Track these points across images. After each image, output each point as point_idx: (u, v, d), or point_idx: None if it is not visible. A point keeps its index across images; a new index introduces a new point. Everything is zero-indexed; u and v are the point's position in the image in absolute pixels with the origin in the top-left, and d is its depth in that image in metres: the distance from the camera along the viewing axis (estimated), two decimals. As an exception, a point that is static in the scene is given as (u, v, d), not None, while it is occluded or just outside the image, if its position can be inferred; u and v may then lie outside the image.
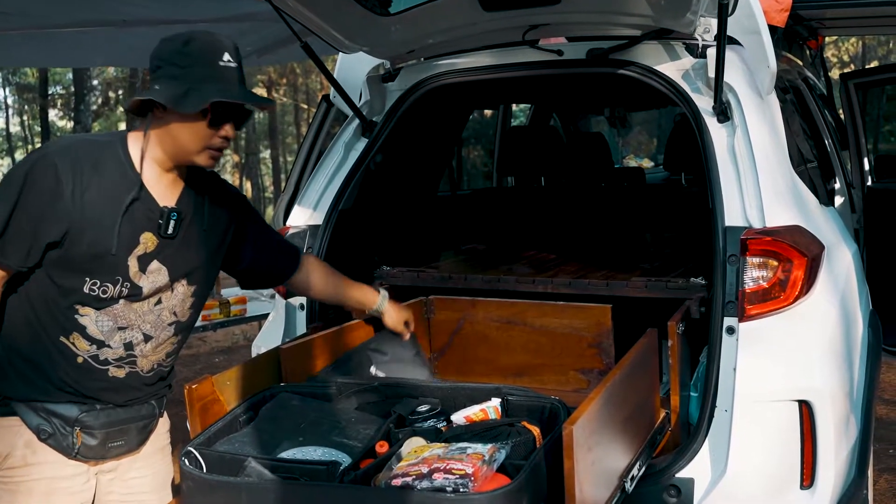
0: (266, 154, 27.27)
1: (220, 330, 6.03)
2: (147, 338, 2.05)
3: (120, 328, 2.00)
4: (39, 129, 20.31)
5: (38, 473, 1.97)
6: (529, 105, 6.23)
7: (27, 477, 1.97)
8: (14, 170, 1.94)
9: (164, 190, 2.03)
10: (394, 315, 2.70)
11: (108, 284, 1.96)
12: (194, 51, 1.92)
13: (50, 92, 19.35)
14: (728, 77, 2.65)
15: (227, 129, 1.98)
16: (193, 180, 2.09)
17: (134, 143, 1.99)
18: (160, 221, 2.00)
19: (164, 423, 2.20)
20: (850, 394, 2.59)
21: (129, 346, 2.02)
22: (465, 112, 4.65)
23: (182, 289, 2.09)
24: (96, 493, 2.07)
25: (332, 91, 3.35)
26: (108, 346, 2.00)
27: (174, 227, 2.02)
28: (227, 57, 1.94)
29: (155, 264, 2.01)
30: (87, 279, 1.94)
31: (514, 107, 6.64)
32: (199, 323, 5.07)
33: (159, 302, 2.05)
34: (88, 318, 1.97)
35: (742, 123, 2.64)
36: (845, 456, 2.51)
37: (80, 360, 1.98)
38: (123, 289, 1.97)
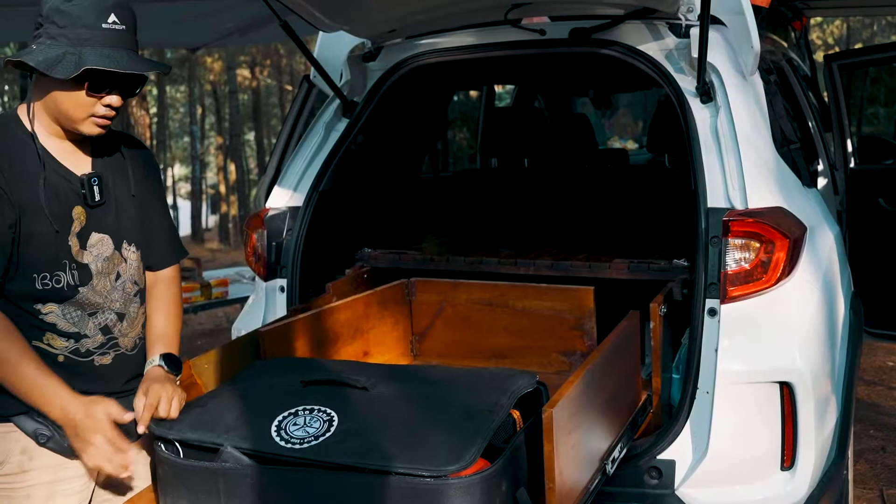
0: (250, 136, 27.09)
1: (201, 312, 6.00)
2: (121, 316, 2.00)
3: (90, 314, 1.94)
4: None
5: (36, 479, 1.91)
6: (514, 87, 6.20)
7: (25, 483, 1.90)
8: None
9: (75, 157, 1.93)
10: (138, 395, 1.94)
11: (59, 273, 1.88)
12: (76, 9, 1.77)
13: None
14: (711, 57, 2.63)
15: (112, 98, 1.84)
16: (103, 139, 1.97)
17: (24, 115, 1.88)
18: (83, 191, 1.91)
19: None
20: (831, 375, 2.59)
21: (105, 329, 1.97)
22: (448, 93, 4.61)
23: (132, 255, 2.03)
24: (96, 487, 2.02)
25: (312, 71, 3.31)
26: (86, 335, 1.94)
27: (99, 193, 1.92)
28: (112, 18, 1.79)
29: (95, 236, 1.94)
30: (36, 275, 1.86)
31: (498, 89, 6.61)
32: (180, 305, 5.04)
33: (118, 276, 1.99)
34: (54, 314, 1.90)
35: (725, 104, 2.62)
36: (826, 437, 2.51)
37: (60, 358, 1.92)
38: (73, 272, 1.90)
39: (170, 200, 29.26)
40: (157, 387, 1.91)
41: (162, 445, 1.88)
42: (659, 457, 2.41)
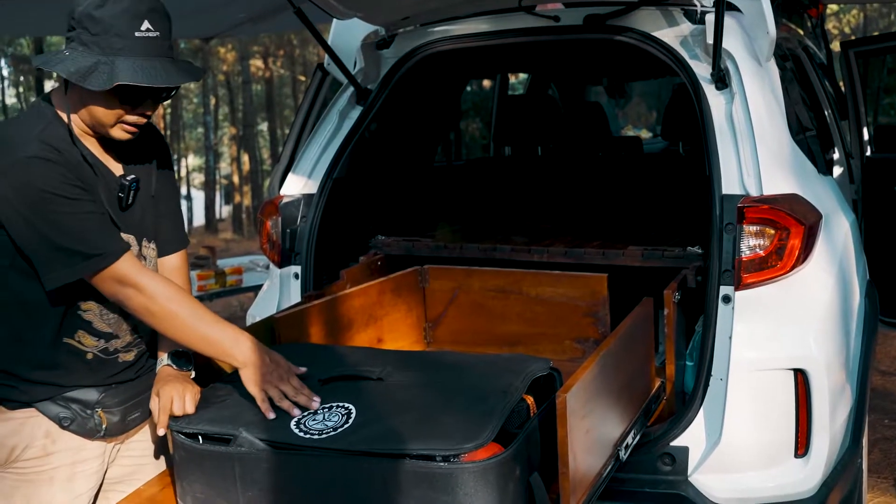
0: (263, 126, 27.14)
1: (216, 300, 6.03)
2: None
3: (125, 317, 1.95)
4: (41, 99, 20.17)
5: (58, 461, 1.93)
6: (527, 76, 6.18)
7: (47, 466, 1.92)
8: (25, 190, 1.75)
9: (108, 159, 1.92)
10: (152, 396, 1.94)
11: None
12: (108, 16, 1.72)
13: (45, 63, 19.17)
14: (727, 44, 2.62)
15: (145, 106, 1.84)
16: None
17: (63, 115, 1.84)
18: (121, 195, 1.91)
19: None
20: (845, 363, 2.58)
21: (135, 329, 1.99)
22: (462, 80, 4.60)
23: (151, 252, 2.04)
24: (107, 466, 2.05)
25: (326, 58, 3.31)
26: (117, 336, 1.96)
27: (133, 196, 1.94)
28: (145, 26, 1.74)
29: (124, 237, 1.93)
30: None
31: (511, 79, 6.59)
32: (195, 293, 5.07)
33: None
34: (92, 312, 1.91)
35: (740, 90, 2.61)
36: (840, 425, 2.50)
37: (89, 356, 1.93)
38: None
39: (183, 191, 29.38)
40: (169, 387, 1.91)
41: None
42: (672, 443, 2.41)
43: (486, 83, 8.88)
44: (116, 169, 1.94)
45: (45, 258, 1.79)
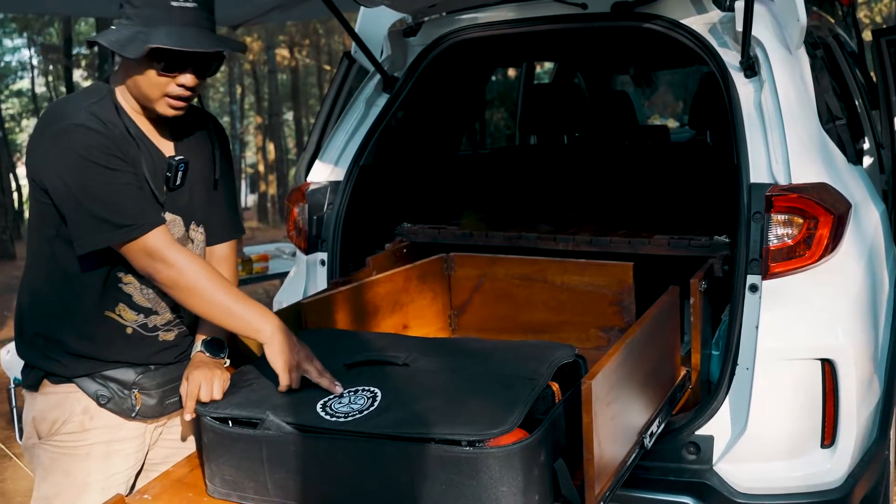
0: (289, 116, 27.23)
1: (242, 287, 6.08)
2: None
3: (164, 294, 1.95)
4: (64, 89, 20.38)
5: (95, 437, 1.97)
6: (552, 66, 6.15)
7: (85, 441, 1.97)
8: (66, 155, 1.81)
9: (159, 138, 1.95)
10: (182, 381, 1.97)
11: None
12: None
13: (74, 52, 19.37)
14: (756, 31, 2.59)
15: (185, 78, 1.84)
16: (184, 119, 1.98)
17: (119, 93, 1.91)
18: (168, 174, 1.94)
19: None
20: (874, 354, 2.56)
21: (175, 308, 2.01)
22: (488, 69, 4.60)
23: (199, 235, 2.07)
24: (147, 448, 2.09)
25: (353, 46, 3.32)
26: (156, 312, 1.98)
27: (182, 177, 1.96)
28: None
29: (168, 216, 1.96)
30: None
31: (537, 69, 6.57)
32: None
33: None
34: (133, 285, 1.94)
35: (770, 79, 2.59)
36: (867, 416, 2.49)
37: (129, 330, 1.96)
38: None
39: (210, 179, 29.52)
40: (198, 373, 1.93)
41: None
42: (697, 432, 2.41)
43: (511, 73, 8.85)
44: (167, 149, 1.97)
45: (77, 224, 1.83)
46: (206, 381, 1.92)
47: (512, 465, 1.66)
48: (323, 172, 3.14)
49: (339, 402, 1.85)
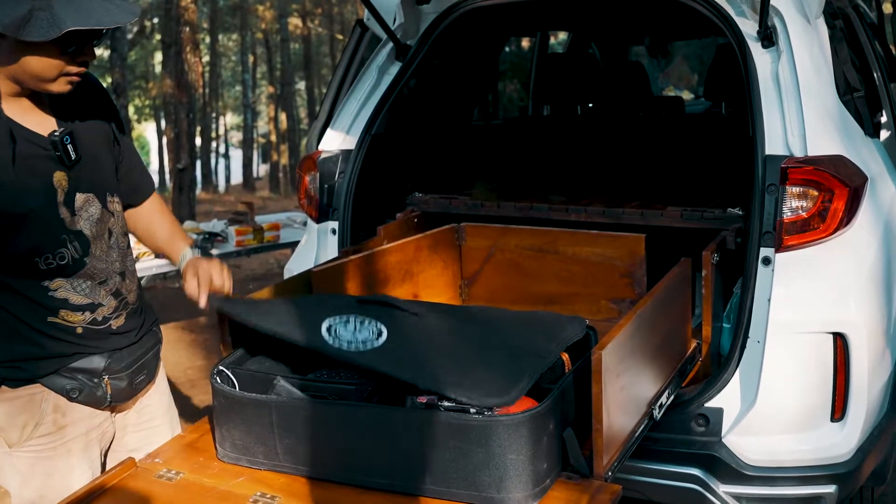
0: (301, 85, 27.16)
1: (253, 256, 6.09)
2: (122, 275, 1.94)
3: (100, 283, 1.87)
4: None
5: (72, 433, 1.91)
6: (566, 38, 6.09)
7: (63, 439, 1.90)
8: None
9: (37, 117, 1.76)
10: (188, 279, 2.00)
11: (61, 249, 1.79)
12: None
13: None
14: (774, 0, 2.55)
15: (87, 53, 1.69)
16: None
17: None
18: (58, 153, 1.76)
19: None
20: (886, 329, 2.54)
21: (117, 293, 1.91)
22: (502, 38, 4.56)
23: (118, 206, 1.93)
24: (116, 428, 2.04)
25: (366, 14, 3.29)
26: (101, 304, 1.88)
27: (74, 150, 1.78)
28: None
29: (80, 197, 1.81)
30: (37, 259, 1.76)
31: (552, 39, 6.50)
32: (232, 248, 5.12)
33: (111, 234, 1.90)
34: (64, 289, 1.82)
35: (787, 49, 2.55)
36: (878, 390, 2.48)
37: (79, 330, 1.86)
38: (74, 244, 1.80)
39: (221, 149, 29.55)
40: (205, 265, 1.94)
41: (217, 378, 1.93)
42: (707, 405, 2.41)
43: (525, 43, 8.78)
44: (48, 127, 1.78)
45: None
46: (216, 271, 1.94)
47: (521, 434, 1.66)
48: (335, 141, 3.12)
49: (344, 328, 1.85)
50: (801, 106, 2.47)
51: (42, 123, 1.77)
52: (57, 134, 1.76)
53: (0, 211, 1.69)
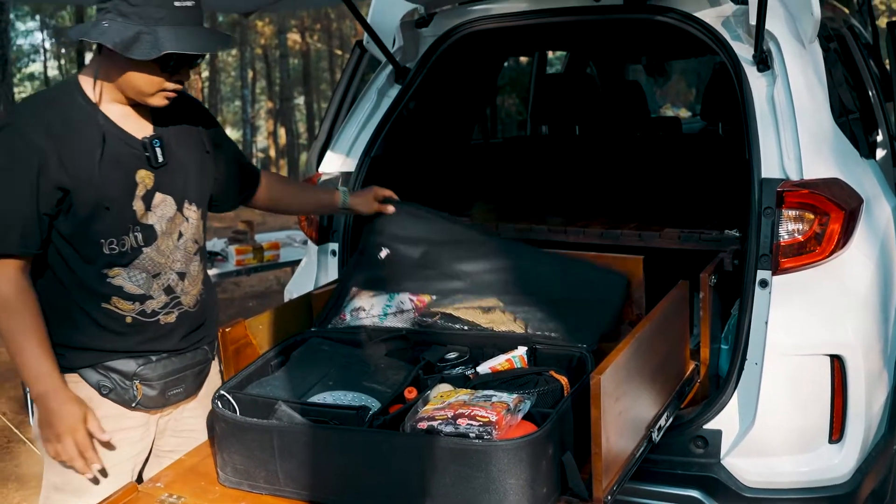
0: (300, 100, 27.22)
1: (253, 275, 6.10)
2: (181, 275, 2.06)
3: (154, 276, 2.00)
4: (76, 72, 20.41)
5: None
6: (565, 53, 6.13)
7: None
8: None
9: (136, 122, 1.97)
10: (364, 200, 2.59)
11: (124, 237, 1.94)
12: None
13: (86, 35, 19.37)
14: (770, 25, 2.58)
15: (183, 73, 1.92)
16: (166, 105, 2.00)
17: (88, 85, 1.93)
18: (146, 154, 1.96)
19: (215, 366, 2.22)
20: (883, 350, 2.56)
21: (168, 290, 2.04)
22: (500, 59, 4.59)
23: (193, 214, 2.08)
24: (157, 432, 2.12)
25: (365, 36, 3.32)
26: (151, 297, 2.01)
27: (162, 154, 1.98)
28: None
29: (158, 196, 1.99)
30: (103, 241, 1.92)
31: (550, 54, 6.53)
32: (232, 268, 5.14)
33: (181, 236, 2.05)
34: (121, 277, 1.96)
35: (782, 73, 2.58)
36: (876, 412, 2.49)
37: (128, 319, 1.99)
38: (137, 234, 1.96)
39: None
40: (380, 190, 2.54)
41: (219, 402, 1.94)
42: (705, 426, 2.42)
43: (524, 58, 8.82)
44: (144, 132, 1.99)
45: None
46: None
47: (520, 458, 1.68)
48: (334, 163, 3.15)
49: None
50: (796, 129, 2.49)
51: (140, 128, 1.98)
52: (147, 137, 1.97)
53: (84, 201, 1.88)
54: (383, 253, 2.56)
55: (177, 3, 1.82)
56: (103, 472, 1.99)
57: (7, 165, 1.85)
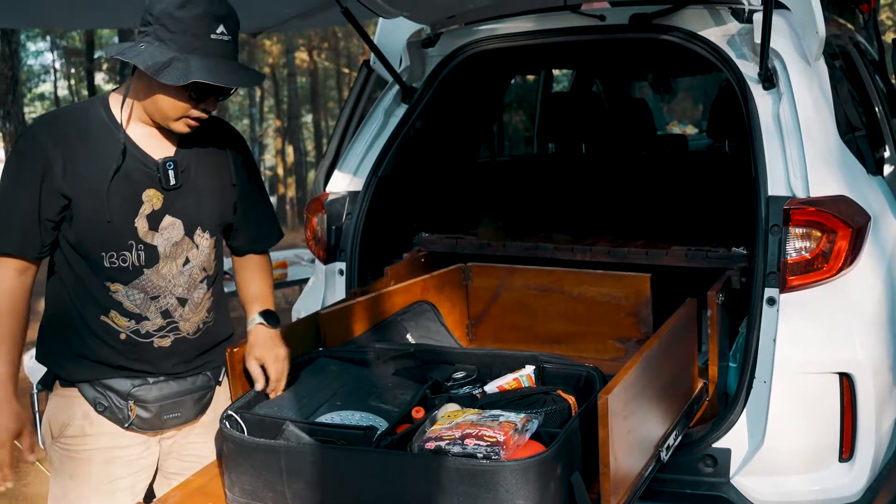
0: (308, 118, 27.33)
1: (261, 293, 6.10)
2: (182, 301, 2.03)
3: (152, 298, 1.99)
4: (86, 92, 20.57)
5: (95, 443, 2.00)
6: (572, 70, 6.16)
7: (86, 446, 2.01)
8: (9, 155, 1.96)
9: (158, 143, 1.98)
10: (250, 359, 2.14)
11: (125, 252, 1.95)
12: (188, 17, 1.82)
13: (96, 55, 19.54)
14: (775, 43, 2.60)
15: (209, 103, 1.93)
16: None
17: (116, 103, 1.96)
18: (158, 175, 1.96)
19: (223, 392, 2.18)
20: (892, 367, 2.54)
21: (166, 314, 2.01)
22: (506, 78, 4.61)
23: (205, 241, 2.06)
24: (159, 456, 2.11)
25: (372, 56, 3.35)
26: (147, 318, 2.00)
27: (175, 177, 1.98)
28: (220, 29, 1.85)
29: (168, 219, 1.99)
30: (104, 253, 1.94)
31: (556, 71, 6.55)
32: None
33: (187, 262, 2.03)
34: (120, 293, 1.97)
35: (788, 91, 2.59)
36: (886, 429, 2.48)
37: (122, 336, 1.99)
38: (139, 253, 1.96)
39: (229, 182, 29.62)
40: (271, 357, 2.11)
41: (227, 423, 1.94)
42: (714, 445, 2.41)
43: (530, 76, 8.84)
44: (163, 153, 1.99)
45: None
46: (270, 359, 2.10)
47: (528, 479, 1.67)
48: (342, 182, 3.16)
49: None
50: (802, 147, 2.50)
51: (160, 149, 1.99)
52: (162, 159, 1.98)
53: (86, 211, 1.91)
54: None
55: (213, 36, 1.84)
56: (98, 490, 2.00)
57: (16, 168, 1.91)
